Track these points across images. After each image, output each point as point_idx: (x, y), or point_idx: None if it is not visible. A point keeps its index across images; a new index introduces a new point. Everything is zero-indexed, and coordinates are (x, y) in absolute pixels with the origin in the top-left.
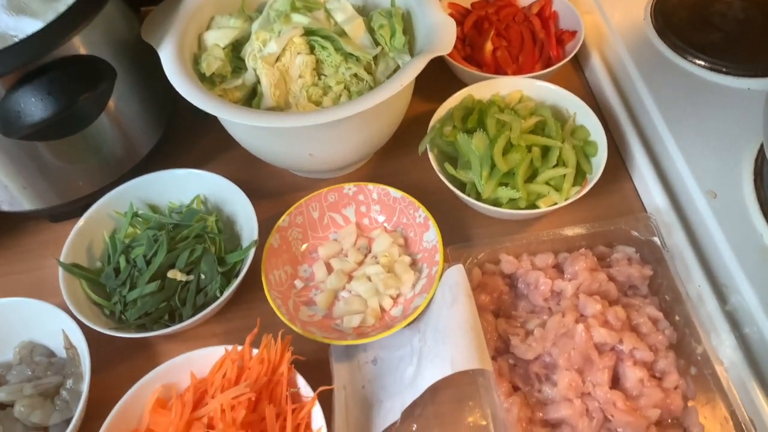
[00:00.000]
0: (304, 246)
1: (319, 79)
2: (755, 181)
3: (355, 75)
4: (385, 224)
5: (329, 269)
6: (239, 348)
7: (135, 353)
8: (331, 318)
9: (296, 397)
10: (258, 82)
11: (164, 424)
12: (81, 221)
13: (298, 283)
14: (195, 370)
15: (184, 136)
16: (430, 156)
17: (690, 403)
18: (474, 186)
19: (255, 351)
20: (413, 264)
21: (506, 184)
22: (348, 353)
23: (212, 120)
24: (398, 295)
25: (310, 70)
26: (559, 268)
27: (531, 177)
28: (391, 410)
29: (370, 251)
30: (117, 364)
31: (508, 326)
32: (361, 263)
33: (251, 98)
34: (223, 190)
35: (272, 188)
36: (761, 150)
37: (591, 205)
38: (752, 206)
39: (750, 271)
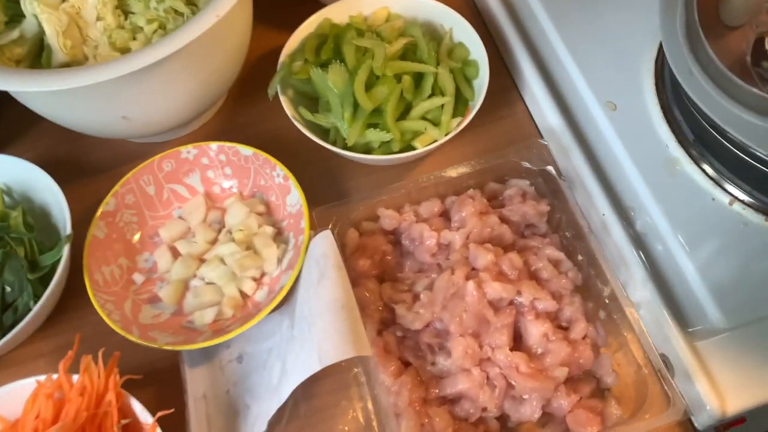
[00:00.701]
0: (140, 232)
1: (126, 19)
2: (656, 85)
3: (173, 9)
4: (240, 189)
5: (176, 254)
6: (54, 377)
7: None
8: (181, 314)
9: (134, 427)
10: (42, 32)
11: None
12: None
13: (138, 278)
14: (4, 411)
15: None
16: (283, 100)
17: (602, 350)
18: (338, 131)
19: (76, 377)
20: (278, 234)
21: (375, 125)
22: (207, 354)
23: None
24: (262, 275)
25: (111, 9)
26: (446, 216)
27: (404, 113)
28: (259, 417)
29: (224, 226)
30: None
31: (394, 292)
32: (214, 242)
33: (39, 55)
34: (29, 175)
35: (101, 161)
36: (660, 50)
37: (479, 137)
38: (655, 114)
39: (657, 187)
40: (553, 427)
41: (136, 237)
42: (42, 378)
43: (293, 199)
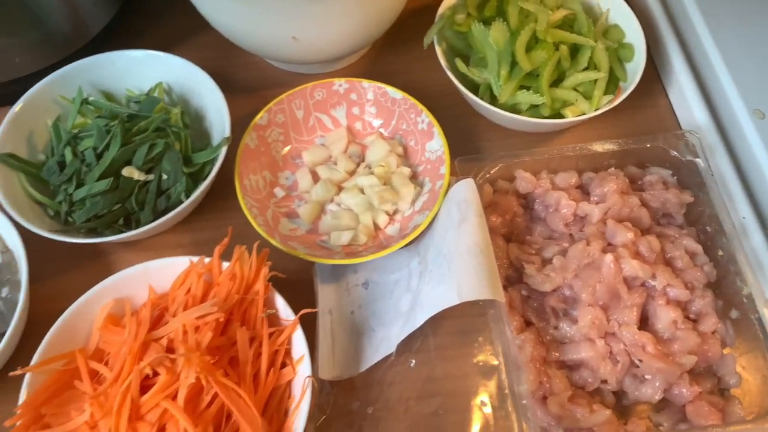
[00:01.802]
0: (286, 149)
1: None
2: None
3: None
4: (382, 129)
5: (315, 178)
6: (206, 260)
7: (84, 262)
8: (316, 233)
9: (274, 320)
10: None
11: (117, 343)
12: (18, 104)
13: (279, 192)
14: (154, 283)
15: (145, 14)
16: (438, 50)
17: (726, 351)
18: (489, 88)
19: (225, 265)
20: (413, 177)
21: (528, 88)
22: (336, 274)
23: None
24: (395, 212)
25: None
26: (582, 190)
27: (556, 81)
28: (385, 341)
29: (363, 160)
30: (62, 273)
31: (521, 253)
32: (352, 173)
33: None
34: (191, 78)
35: (248, 81)
36: None
37: (619, 121)
38: None
39: None
40: (668, 413)
41: (281, 154)
42: (195, 259)
43: (435, 146)
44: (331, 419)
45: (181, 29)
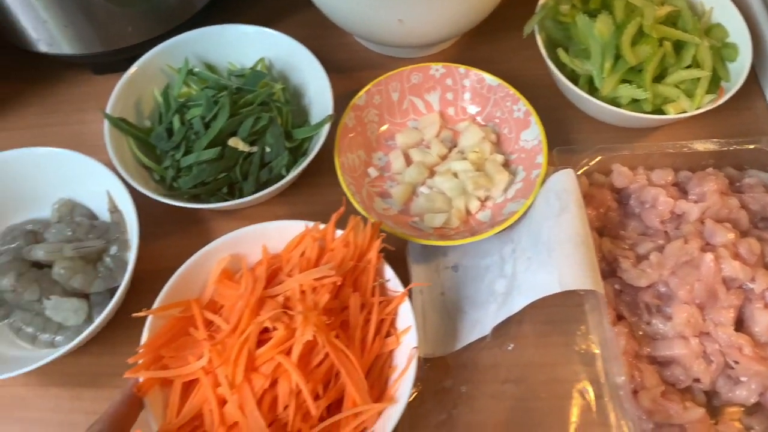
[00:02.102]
0: (383, 129)
1: None
2: None
3: None
4: (473, 116)
5: (407, 160)
6: (321, 226)
7: (185, 226)
8: (407, 214)
9: (381, 290)
10: None
11: (231, 297)
12: (131, 71)
13: (372, 172)
14: (268, 243)
15: None
16: (538, 39)
17: None
18: (588, 80)
19: (338, 233)
20: (506, 164)
21: (629, 82)
22: (426, 255)
23: None
24: (486, 198)
25: None
26: (678, 188)
27: (657, 77)
28: (479, 323)
29: (454, 145)
30: (164, 235)
31: (615, 247)
32: (444, 157)
33: None
34: (294, 55)
35: (342, 62)
36: None
37: (714, 121)
38: None
39: None
40: (760, 417)
41: (375, 134)
42: (310, 224)
43: (531, 135)
44: (423, 395)
45: (278, 7)
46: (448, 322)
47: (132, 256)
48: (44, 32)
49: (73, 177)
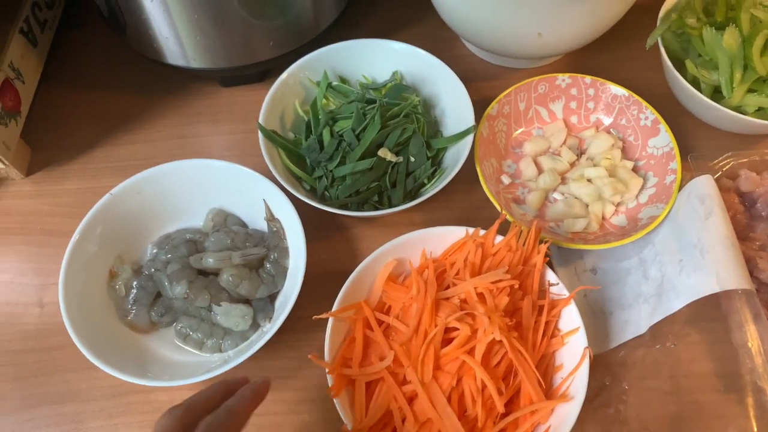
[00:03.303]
0: (505, 141)
1: None
2: None
3: None
4: (596, 125)
5: (537, 167)
6: (481, 232)
7: (329, 234)
8: (542, 219)
9: (540, 294)
10: None
11: (400, 299)
12: (276, 85)
13: (505, 179)
14: (427, 248)
15: (364, 6)
16: (662, 50)
17: None
18: (712, 90)
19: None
20: (634, 170)
21: (754, 91)
22: (563, 259)
23: None
24: (619, 203)
25: None
26: None
27: None
28: (629, 323)
29: (581, 152)
30: (310, 242)
31: (746, 249)
32: (573, 164)
33: None
34: (426, 68)
35: (460, 74)
36: None
37: None
38: None
39: None
40: None
41: (503, 143)
42: (471, 229)
43: (660, 142)
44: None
45: (393, 21)
46: (595, 323)
47: (302, 260)
48: (181, 46)
49: (227, 187)
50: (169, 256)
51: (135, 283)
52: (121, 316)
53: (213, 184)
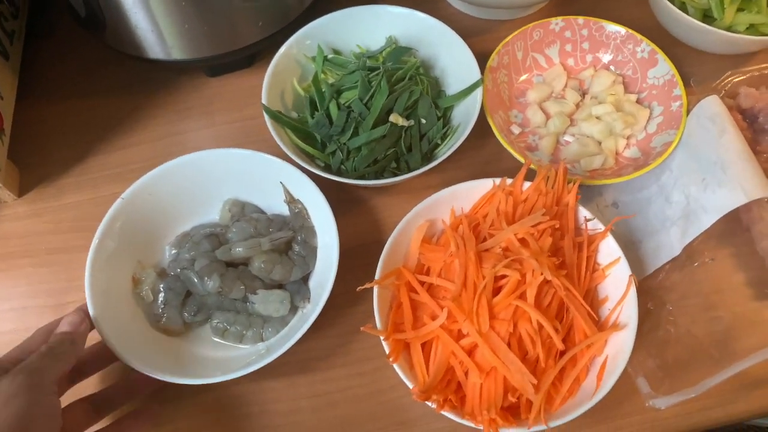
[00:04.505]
0: (508, 92)
1: None
2: None
3: None
4: (593, 64)
5: (544, 114)
6: (508, 181)
7: (349, 207)
8: (556, 163)
9: (576, 231)
10: None
11: (438, 259)
12: (273, 64)
13: (515, 129)
14: (455, 205)
15: None
16: None
17: None
18: (700, 14)
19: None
20: (638, 102)
21: (743, 9)
22: (584, 198)
23: None
24: (629, 136)
25: None
26: None
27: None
28: (661, 248)
29: (584, 93)
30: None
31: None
32: (578, 105)
33: None
34: (421, 29)
35: None
36: None
37: None
38: None
39: None
40: None
41: (507, 94)
42: (497, 180)
43: (660, 71)
44: None
45: None
46: (627, 254)
47: (334, 236)
48: (168, 38)
49: (240, 175)
50: (192, 253)
51: (162, 286)
52: (153, 322)
53: (225, 175)
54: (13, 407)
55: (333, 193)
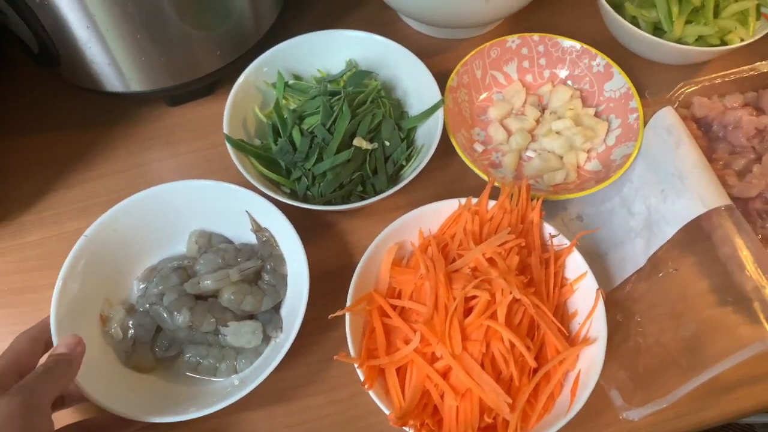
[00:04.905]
0: (469, 110)
1: None
2: None
3: None
4: (550, 79)
5: (505, 130)
6: (474, 200)
7: (318, 233)
8: (520, 179)
9: (542, 248)
10: None
11: (409, 281)
12: (234, 92)
13: (478, 147)
14: (424, 227)
15: (296, 5)
16: None
17: None
18: (653, 27)
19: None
20: (596, 116)
21: (690, 22)
22: (549, 212)
23: None
24: (589, 150)
25: None
26: (752, 107)
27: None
28: (626, 260)
29: (543, 108)
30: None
31: (713, 169)
32: (537, 121)
33: None
34: (380, 52)
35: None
36: None
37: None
38: None
39: None
40: None
41: (468, 113)
42: (463, 200)
43: (616, 84)
44: None
45: (331, 13)
46: (593, 266)
47: (303, 263)
48: (125, 71)
49: (205, 206)
50: (161, 287)
51: (131, 322)
52: (124, 360)
53: (189, 206)
54: (9, 428)
55: (300, 219)
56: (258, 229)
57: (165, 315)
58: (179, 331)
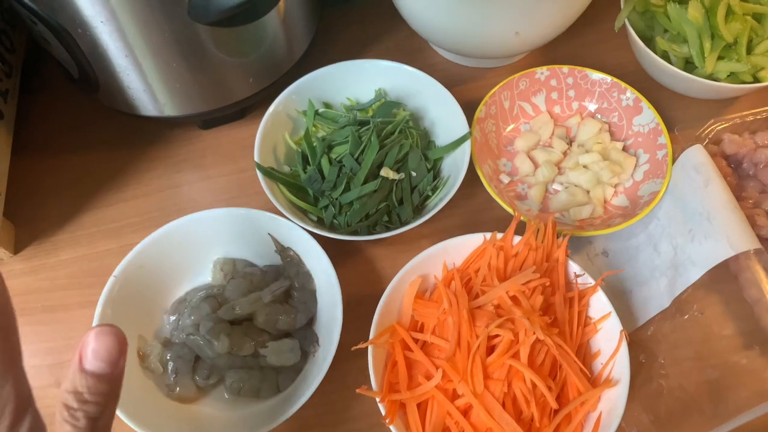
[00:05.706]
0: (496, 141)
1: None
2: None
3: None
4: (579, 111)
5: (532, 162)
6: (499, 235)
7: (344, 260)
8: (546, 212)
9: (568, 284)
10: None
11: (432, 315)
12: (265, 120)
13: (504, 178)
14: (447, 260)
15: (327, 33)
16: (630, 30)
17: None
18: (684, 62)
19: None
20: (624, 150)
21: (722, 58)
22: (574, 247)
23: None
24: (616, 185)
25: None
26: None
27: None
28: (653, 298)
29: (570, 141)
30: None
31: (742, 208)
32: (565, 153)
33: None
34: (409, 81)
35: (440, 81)
36: None
37: None
38: None
39: None
40: None
41: (495, 143)
42: (488, 234)
43: (645, 119)
44: None
45: (362, 41)
46: (616, 303)
47: (332, 276)
48: (160, 96)
49: (229, 233)
50: (193, 317)
51: (169, 355)
52: (167, 393)
53: (213, 235)
54: None
55: (324, 246)
56: (282, 249)
57: (204, 344)
58: (218, 358)
